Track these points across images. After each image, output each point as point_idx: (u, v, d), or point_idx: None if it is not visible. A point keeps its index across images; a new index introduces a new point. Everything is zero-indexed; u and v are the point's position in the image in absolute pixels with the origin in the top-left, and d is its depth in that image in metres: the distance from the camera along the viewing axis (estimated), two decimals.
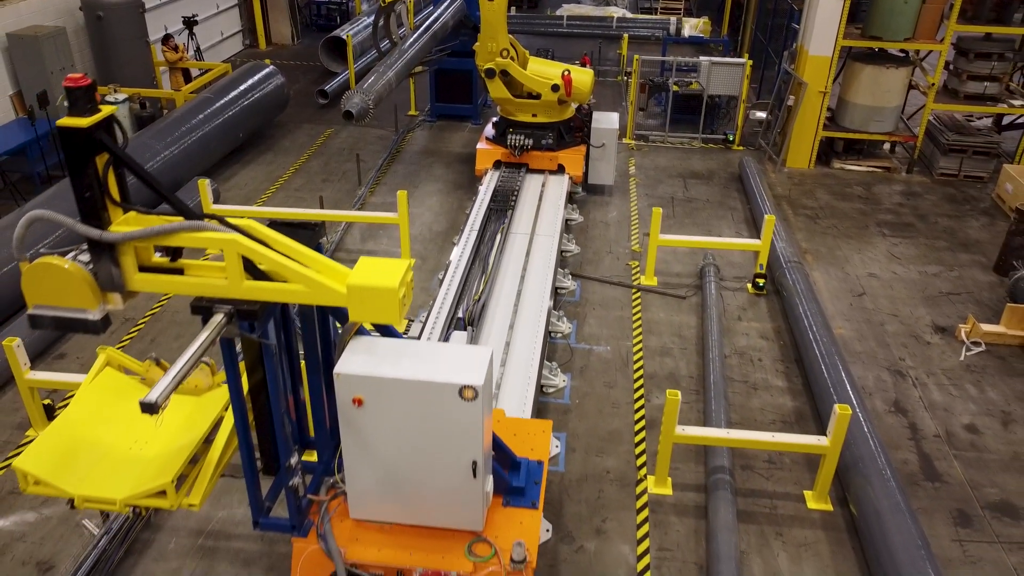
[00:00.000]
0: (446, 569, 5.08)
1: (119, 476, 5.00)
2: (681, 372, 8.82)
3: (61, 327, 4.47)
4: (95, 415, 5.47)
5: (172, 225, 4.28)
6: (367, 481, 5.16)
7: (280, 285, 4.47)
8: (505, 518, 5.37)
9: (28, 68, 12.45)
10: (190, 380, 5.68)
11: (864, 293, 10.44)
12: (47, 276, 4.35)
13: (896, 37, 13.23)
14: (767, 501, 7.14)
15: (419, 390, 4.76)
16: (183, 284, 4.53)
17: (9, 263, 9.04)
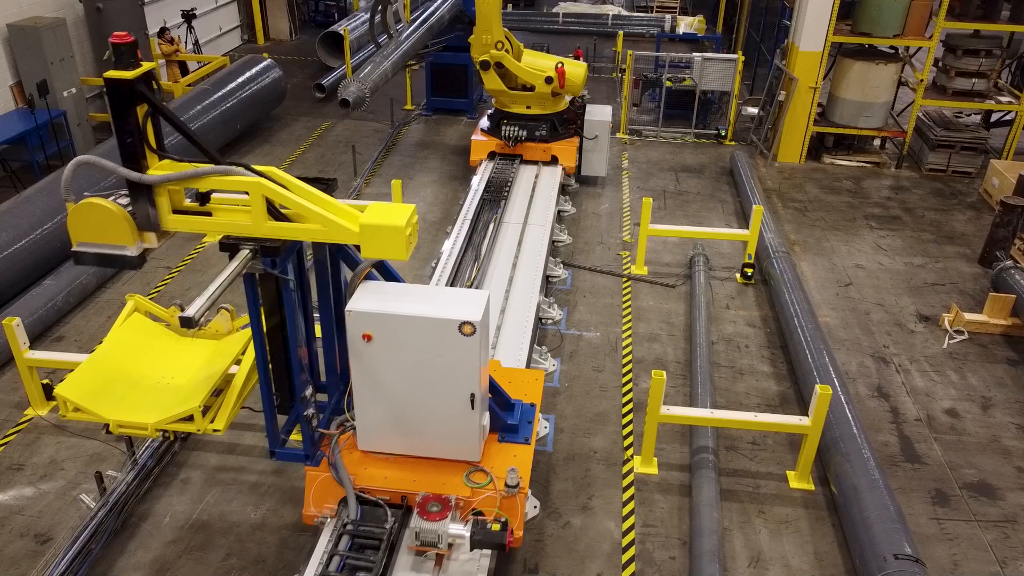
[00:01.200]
0: (447, 494, 5.50)
1: (149, 404, 5.53)
2: (669, 357, 8.98)
3: (102, 263, 5.01)
4: (126, 353, 6.03)
5: (204, 169, 4.83)
6: (374, 414, 5.68)
7: (299, 224, 4.98)
8: (500, 451, 5.90)
9: (28, 59, 12.58)
10: (212, 324, 6.34)
11: (850, 283, 10.62)
12: (91, 215, 4.85)
13: (885, 33, 13.41)
14: (750, 480, 7.31)
15: (423, 326, 5.27)
16: (211, 224, 5.08)
17: (6, 249, 9.14)
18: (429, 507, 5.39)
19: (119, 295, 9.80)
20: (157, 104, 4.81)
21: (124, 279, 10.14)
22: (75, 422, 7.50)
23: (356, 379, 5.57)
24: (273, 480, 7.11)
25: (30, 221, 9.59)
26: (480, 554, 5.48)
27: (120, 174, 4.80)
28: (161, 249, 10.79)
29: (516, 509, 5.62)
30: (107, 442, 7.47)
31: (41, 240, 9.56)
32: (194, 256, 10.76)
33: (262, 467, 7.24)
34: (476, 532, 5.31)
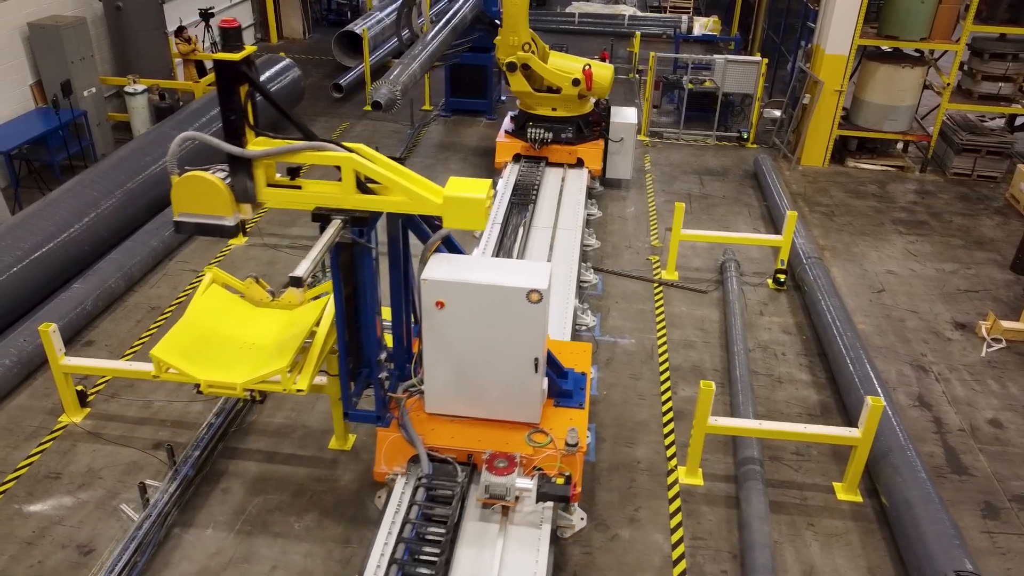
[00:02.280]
0: (511, 452, 5.86)
1: (235, 367, 6.09)
2: (706, 365, 8.89)
3: (201, 232, 5.45)
4: (209, 320, 6.54)
5: (300, 144, 5.27)
6: (442, 378, 6.12)
7: (385, 196, 5.43)
8: (557, 415, 6.31)
9: (49, 58, 12.44)
10: (285, 295, 6.85)
11: (883, 290, 10.53)
12: (194, 187, 5.33)
13: (912, 36, 13.32)
14: (797, 492, 7.22)
15: (492, 293, 5.70)
16: (302, 196, 5.48)
17: (23, 260, 8.95)
18: (496, 463, 5.76)
19: (147, 299, 9.69)
20: (258, 84, 5.23)
21: (152, 283, 10.02)
22: (110, 433, 7.45)
23: (427, 344, 6.01)
24: (316, 488, 7.01)
25: (56, 224, 9.48)
26: (543, 507, 5.87)
27: (223, 149, 5.23)
28: (188, 252, 10.72)
29: (576, 466, 5.98)
30: (144, 450, 7.37)
31: (68, 243, 9.45)
32: (221, 259, 10.64)
33: (303, 476, 7.13)
34: (542, 486, 5.71)
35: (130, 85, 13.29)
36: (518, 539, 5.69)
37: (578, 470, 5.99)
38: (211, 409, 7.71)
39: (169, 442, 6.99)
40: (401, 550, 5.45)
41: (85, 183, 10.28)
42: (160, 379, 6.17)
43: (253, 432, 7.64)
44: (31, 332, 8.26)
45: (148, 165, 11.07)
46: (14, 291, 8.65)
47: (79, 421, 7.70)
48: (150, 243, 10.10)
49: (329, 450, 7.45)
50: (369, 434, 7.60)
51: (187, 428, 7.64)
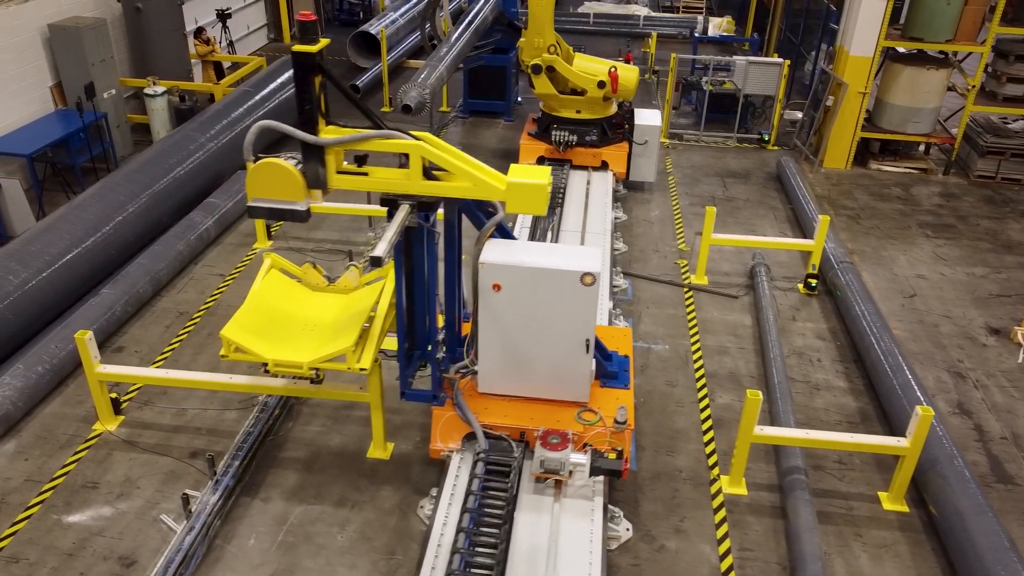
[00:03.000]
0: (562, 429, 6.16)
1: (299, 347, 6.38)
2: (742, 371, 8.80)
3: (273, 216, 5.73)
4: (271, 304, 6.81)
5: (371, 133, 5.56)
6: (496, 359, 6.43)
7: (450, 182, 5.69)
8: (604, 395, 6.67)
9: (69, 59, 12.34)
10: (341, 280, 7.16)
11: (915, 294, 10.45)
12: (268, 173, 5.53)
13: (937, 38, 13.23)
14: (842, 502, 7.13)
15: (548, 276, 5.99)
16: (370, 182, 5.79)
17: (52, 264, 8.84)
18: (550, 439, 6.06)
19: (175, 304, 9.60)
20: (332, 75, 5.51)
21: (179, 288, 9.93)
22: (145, 441, 7.37)
23: (482, 326, 6.30)
24: (357, 498, 6.92)
25: (84, 228, 9.39)
26: (594, 480, 6.19)
27: (298, 137, 5.48)
28: (213, 256, 10.62)
29: (625, 443, 6.31)
30: (180, 459, 7.29)
31: (96, 247, 9.36)
32: (246, 263, 10.55)
33: (343, 486, 7.05)
34: (595, 460, 6.05)
35: (150, 87, 13.19)
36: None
37: (627, 447, 6.30)
38: (246, 417, 7.64)
39: (209, 452, 6.90)
40: (467, 519, 5.76)
41: (111, 186, 10.20)
42: (228, 359, 6.40)
43: (290, 441, 7.55)
44: (62, 338, 8.18)
45: (172, 168, 10.98)
46: (43, 296, 8.56)
47: (114, 429, 7.61)
48: (176, 247, 10.01)
49: (368, 459, 7.37)
50: (409, 442, 7.54)
51: (223, 436, 7.56)
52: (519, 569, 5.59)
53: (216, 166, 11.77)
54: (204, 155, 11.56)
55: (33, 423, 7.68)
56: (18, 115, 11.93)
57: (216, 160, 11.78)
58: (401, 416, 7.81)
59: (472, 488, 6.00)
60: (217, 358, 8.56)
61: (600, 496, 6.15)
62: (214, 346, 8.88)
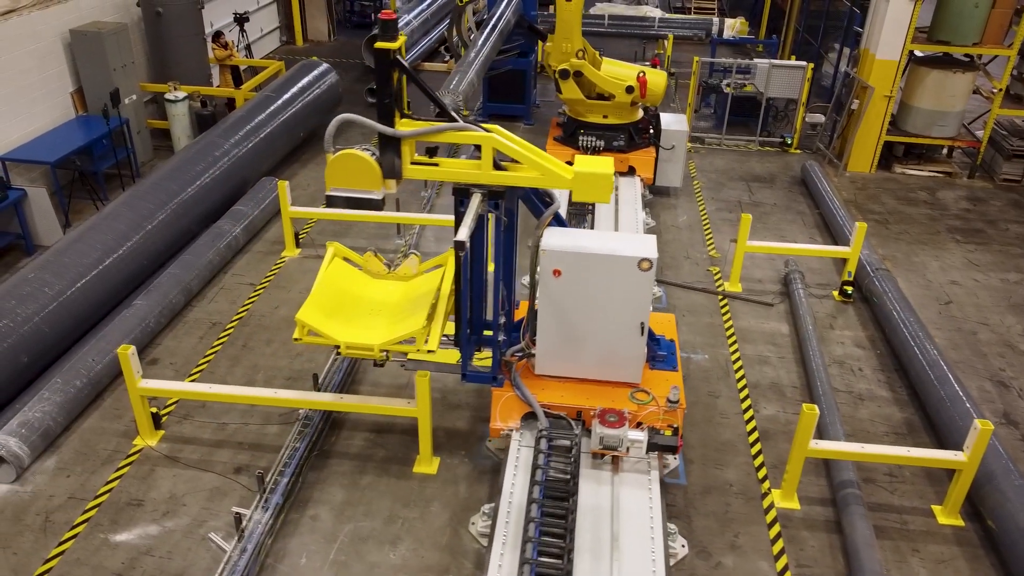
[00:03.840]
0: (613, 409, 6.44)
1: (369, 331, 6.63)
2: (784, 381, 8.71)
3: (350, 205, 5.97)
4: (337, 290, 7.03)
5: (445, 125, 5.91)
6: (553, 342, 6.79)
7: (520, 172, 6.00)
8: (654, 376, 7.05)
9: (90, 65, 12.19)
10: (401, 268, 7.47)
11: (950, 301, 10.37)
12: (347, 164, 5.84)
13: (964, 41, 13.14)
14: (896, 516, 7.05)
15: (608, 262, 6.34)
16: (442, 172, 6.11)
17: (84, 276, 8.74)
18: (608, 417, 6.36)
19: (207, 314, 9.48)
20: (409, 71, 5.81)
21: (209, 298, 9.81)
22: (188, 457, 7.27)
23: (542, 310, 6.66)
24: (406, 515, 6.82)
25: (115, 237, 9.27)
26: (649, 457, 6.52)
27: (378, 129, 5.79)
28: (242, 265, 10.50)
29: (677, 421, 6.66)
30: (224, 475, 7.18)
31: (127, 257, 9.24)
32: (276, 271, 10.44)
33: (391, 502, 6.95)
34: (652, 437, 6.38)
35: (171, 92, 13.06)
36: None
37: (680, 424, 6.67)
38: (288, 432, 7.53)
39: (258, 469, 6.79)
40: (537, 490, 5.99)
41: (139, 195, 10.07)
42: (301, 342, 6.60)
43: (334, 456, 7.45)
44: (99, 351, 8.07)
45: (199, 175, 10.86)
46: (78, 307, 8.44)
47: (155, 444, 7.50)
48: (206, 256, 9.90)
49: (415, 474, 7.27)
50: (454, 456, 7.44)
51: (265, 451, 7.45)
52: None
53: (241, 173, 11.65)
54: (229, 162, 11.44)
55: (72, 438, 7.57)
56: (40, 121, 11.80)
57: (241, 167, 11.66)
58: (445, 429, 7.72)
59: (538, 462, 6.23)
60: (254, 371, 8.55)
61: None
62: (249, 358, 8.77)
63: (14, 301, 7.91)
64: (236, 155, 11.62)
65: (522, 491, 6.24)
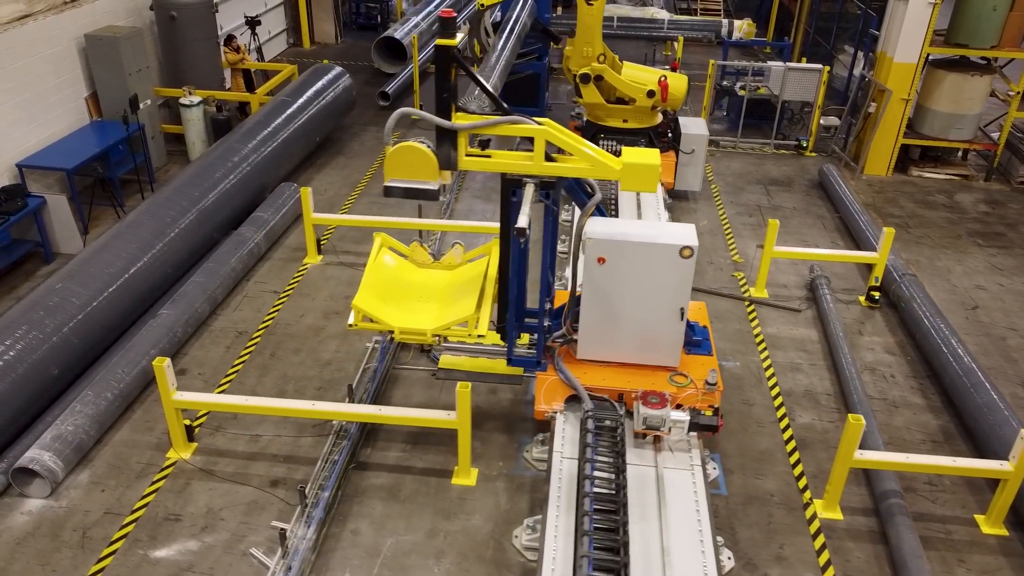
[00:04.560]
0: (655, 391, 6.64)
1: (420, 316, 6.93)
2: (817, 389, 8.67)
3: (407, 195, 6.18)
4: (387, 279, 7.27)
5: (500, 119, 6.12)
6: (595, 327, 7.02)
7: (571, 163, 6.28)
8: (690, 360, 7.27)
9: (106, 70, 12.07)
10: (446, 257, 7.71)
11: (977, 306, 10.34)
12: (406, 156, 6.06)
13: (983, 44, 13.14)
14: (939, 525, 7.01)
15: (651, 250, 6.59)
16: (496, 164, 6.34)
17: (122, 275, 8.68)
18: (650, 399, 6.56)
19: (232, 323, 9.38)
20: (465, 66, 6.08)
21: (234, 306, 9.71)
22: (223, 470, 7.18)
23: (585, 296, 6.89)
24: (448, 528, 6.75)
25: (139, 245, 9.17)
26: (688, 436, 6.74)
27: (436, 123, 6.01)
28: (264, 272, 10.39)
29: (717, 402, 6.91)
30: (261, 488, 7.09)
31: (152, 265, 9.14)
32: (299, 279, 10.34)
33: (432, 515, 6.87)
34: (694, 417, 6.61)
35: (186, 97, 12.94)
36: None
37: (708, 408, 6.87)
38: (322, 443, 7.45)
39: (300, 483, 6.71)
40: (588, 467, 6.14)
41: (161, 202, 9.96)
42: (356, 327, 6.86)
43: (371, 468, 7.37)
44: (128, 362, 7.97)
45: (219, 181, 10.74)
46: (105, 317, 8.33)
47: (188, 457, 7.40)
48: (229, 263, 9.79)
49: (454, 485, 7.19)
50: (491, 468, 7.37)
51: (301, 463, 7.36)
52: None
53: (260, 178, 11.55)
54: (248, 168, 11.33)
55: (105, 452, 7.46)
56: (56, 127, 11.67)
57: (260, 172, 11.56)
58: (479, 439, 7.64)
59: (587, 441, 6.39)
60: (284, 380, 8.46)
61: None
62: (278, 367, 8.68)
63: (42, 312, 7.80)
64: (254, 161, 11.52)
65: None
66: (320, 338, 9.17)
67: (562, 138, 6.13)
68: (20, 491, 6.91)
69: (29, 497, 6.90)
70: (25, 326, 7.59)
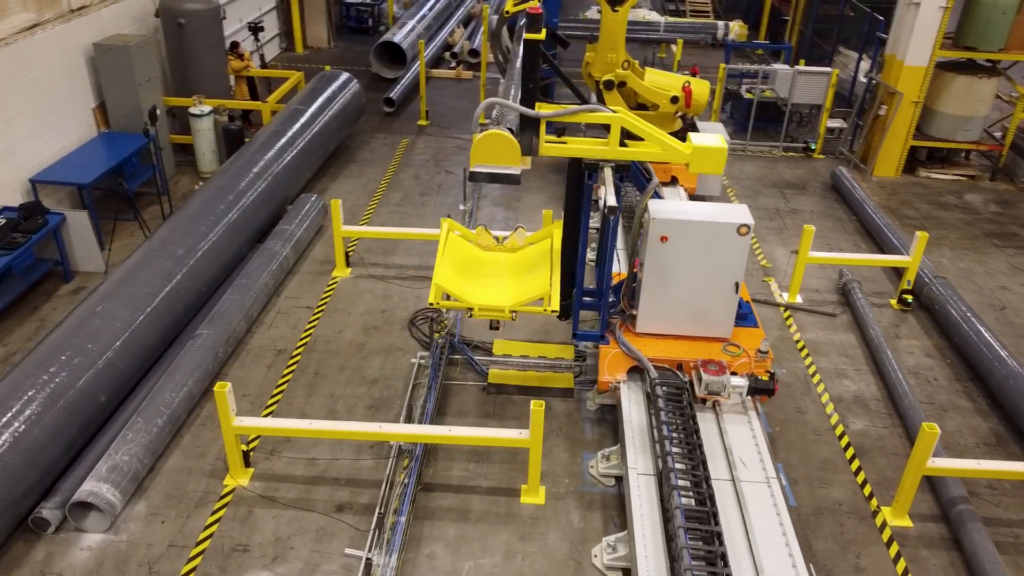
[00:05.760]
0: (713, 360, 7.21)
1: (494, 294, 7.25)
2: (866, 395, 8.71)
3: (491, 180, 6.58)
4: (458, 260, 7.58)
5: (580, 107, 6.67)
6: (656, 302, 7.56)
7: (643, 147, 6.79)
8: (739, 332, 7.78)
9: (115, 79, 11.71)
10: (510, 240, 8.04)
11: (1004, 307, 10.50)
12: (492, 143, 6.44)
13: (991, 48, 13.36)
14: (1007, 530, 7.08)
15: (711, 229, 7.13)
16: (576, 149, 6.82)
17: (139, 316, 8.40)
18: (710, 367, 7.12)
19: (270, 341, 9.15)
20: (548, 59, 6.72)
21: (268, 323, 9.47)
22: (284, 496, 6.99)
23: (648, 273, 7.40)
24: (524, 549, 6.63)
25: (174, 261, 8.89)
26: (743, 400, 7.19)
27: (522, 111, 6.57)
28: (294, 287, 10.14)
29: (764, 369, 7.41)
30: (328, 514, 6.90)
31: (187, 281, 8.86)
32: (330, 293, 10.13)
33: (506, 536, 6.75)
34: (752, 382, 7.13)
35: (195, 106, 12.61)
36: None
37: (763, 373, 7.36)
38: (382, 465, 7.29)
39: (367, 507, 6.55)
40: (665, 429, 6.67)
41: (189, 216, 9.68)
42: (436, 306, 7.13)
43: (436, 489, 7.22)
44: (173, 385, 7.71)
45: (243, 193, 10.47)
46: (147, 338, 8.06)
47: (247, 484, 7.18)
48: (261, 279, 9.55)
49: (523, 504, 7.08)
50: (558, 486, 7.27)
51: (364, 486, 7.19)
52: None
53: (283, 190, 11.31)
54: (270, 178, 11.07)
55: (159, 480, 7.21)
56: (66, 140, 11.30)
57: (283, 183, 11.31)
58: (543, 456, 7.53)
59: (659, 406, 6.92)
60: (332, 400, 8.28)
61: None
62: (324, 386, 8.48)
63: (84, 336, 7.51)
64: (275, 171, 11.25)
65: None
66: (363, 354, 8.98)
67: (636, 124, 6.60)
68: (76, 525, 6.64)
69: (87, 531, 6.63)
70: (69, 351, 7.30)
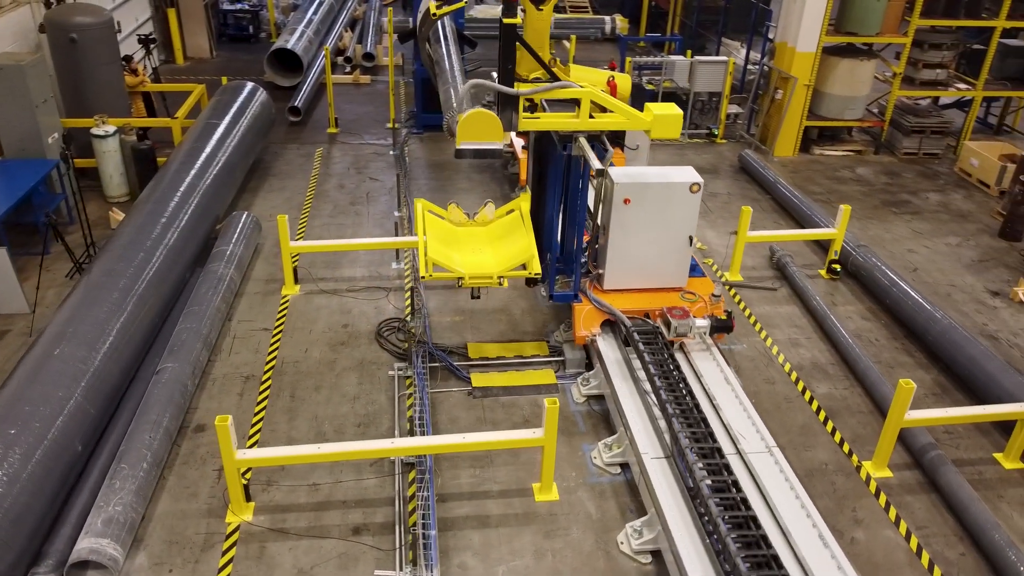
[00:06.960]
0: (676, 306, 8.22)
1: (480, 264, 7.97)
2: (821, 361, 9.31)
3: (476, 156, 7.33)
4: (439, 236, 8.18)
5: (553, 84, 7.44)
6: (620, 260, 8.49)
7: (610, 117, 7.59)
8: (691, 282, 8.87)
9: (9, 102, 10.69)
10: (480, 215, 8.77)
11: (916, 268, 11.49)
12: (476, 121, 7.11)
13: (869, 32, 14.54)
14: (971, 468, 7.78)
15: (667, 189, 8.20)
16: (551, 123, 7.62)
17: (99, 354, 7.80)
18: (675, 312, 8.10)
19: (234, 368, 8.69)
20: (523, 42, 7.48)
21: (227, 349, 8.98)
22: (294, 525, 6.74)
23: (613, 235, 8.30)
24: (552, 547, 6.67)
25: (120, 293, 8.23)
26: (703, 339, 8.22)
27: (502, 90, 7.22)
28: (245, 309, 9.67)
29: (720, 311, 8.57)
30: (346, 538, 6.68)
31: (138, 311, 8.23)
32: (284, 312, 9.73)
33: (531, 536, 6.76)
34: (713, 321, 8.20)
35: (98, 127, 11.73)
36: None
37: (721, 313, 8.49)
38: (387, 482, 7.14)
39: (383, 526, 6.39)
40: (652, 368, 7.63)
41: (125, 244, 8.98)
42: (427, 279, 7.67)
43: (450, 498, 7.13)
44: (149, 425, 7.19)
45: (176, 214, 9.82)
46: (111, 376, 7.44)
47: (251, 519, 6.82)
48: (213, 303, 9.03)
49: (539, 503, 7.12)
50: (566, 478, 7.36)
51: (376, 505, 7.00)
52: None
53: (213, 209, 10.72)
54: (200, 196, 10.46)
55: (154, 527, 6.72)
56: None
57: (212, 202, 10.71)
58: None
59: (641, 349, 7.90)
60: (317, 422, 8.01)
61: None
62: (304, 408, 8.17)
63: (47, 383, 6.86)
64: (202, 189, 10.64)
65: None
66: (336, 372, 8.70)
67: (603, 98, 7.39)
68: None
69: None
70: (34, 401, 6.66)
